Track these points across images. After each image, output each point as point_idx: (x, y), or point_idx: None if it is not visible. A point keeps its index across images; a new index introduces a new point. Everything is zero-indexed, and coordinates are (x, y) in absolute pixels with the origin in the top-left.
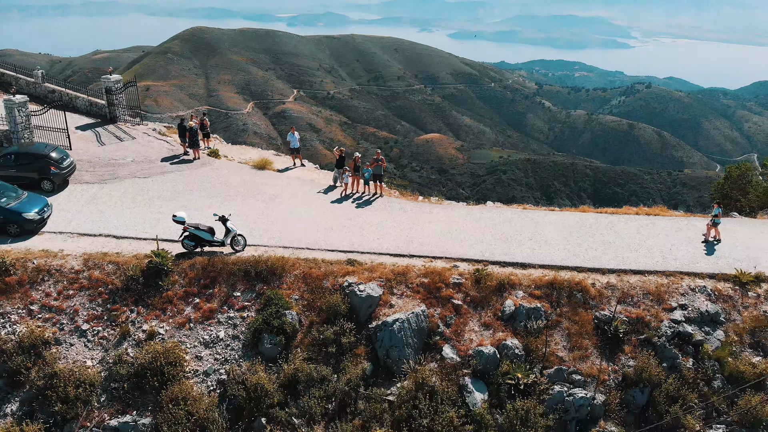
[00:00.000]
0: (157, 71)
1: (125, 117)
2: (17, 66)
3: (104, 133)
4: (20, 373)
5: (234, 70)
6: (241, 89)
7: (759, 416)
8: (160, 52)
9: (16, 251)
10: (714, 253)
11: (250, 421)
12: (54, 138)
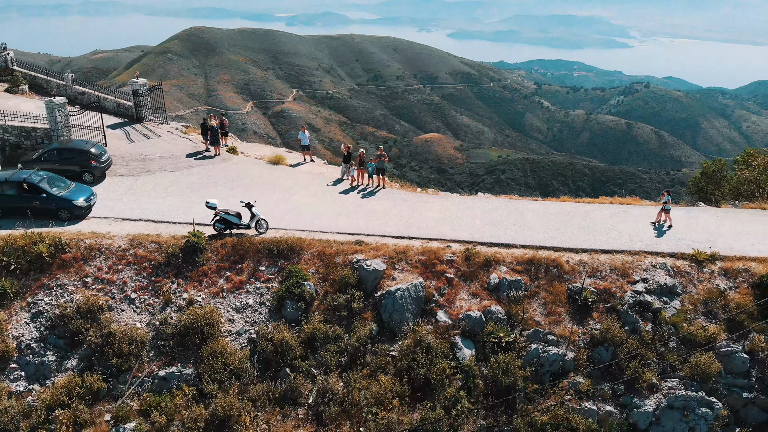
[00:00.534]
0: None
1: (150, 117)
2: (48, 70)
3: (132, 131)
4: (80, 333)
5: (233, 70)
6: (240, 89)
7: (707, 372)
8: (159, 52)
9: (69, 233)
10: (676, 236)
11: (277, 371)
12: (89, 136)
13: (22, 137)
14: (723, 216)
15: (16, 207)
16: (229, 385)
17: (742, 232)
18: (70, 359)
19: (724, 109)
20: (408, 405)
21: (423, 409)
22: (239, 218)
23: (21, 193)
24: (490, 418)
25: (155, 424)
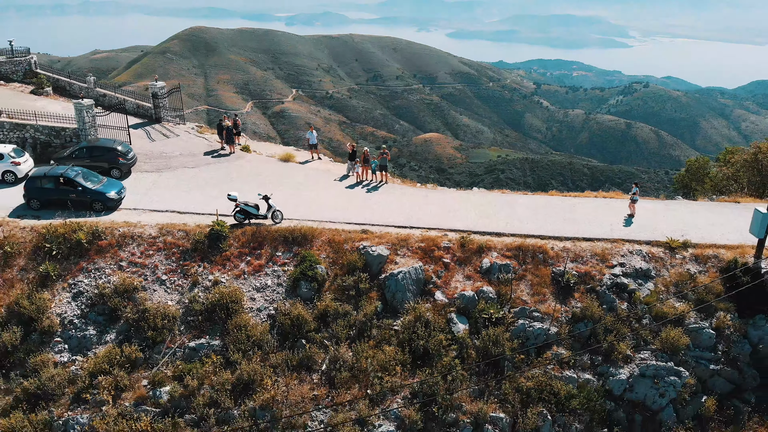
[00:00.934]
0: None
1: (168, 117)
2: (71, 73)
3: (152, 131)
4: (117, 310)
5: (233, 70)
6: (240, 89)
7: (676, 346)
8: (159, 52)
9: (104, 222)
10: (652, 225)
11: (294, 342)
12: (113, 135)
13: (52, 136)
14: (698, 208)
15: (53, 199)
16: (252, 354)
17: (714, 222)
18: (109, 333)
19: (723, 109)
20: (409, 371)
21: (422, 375)
22: (257, 209)
23: (58, 187)
24: (481, 383)
25: (188, 387)
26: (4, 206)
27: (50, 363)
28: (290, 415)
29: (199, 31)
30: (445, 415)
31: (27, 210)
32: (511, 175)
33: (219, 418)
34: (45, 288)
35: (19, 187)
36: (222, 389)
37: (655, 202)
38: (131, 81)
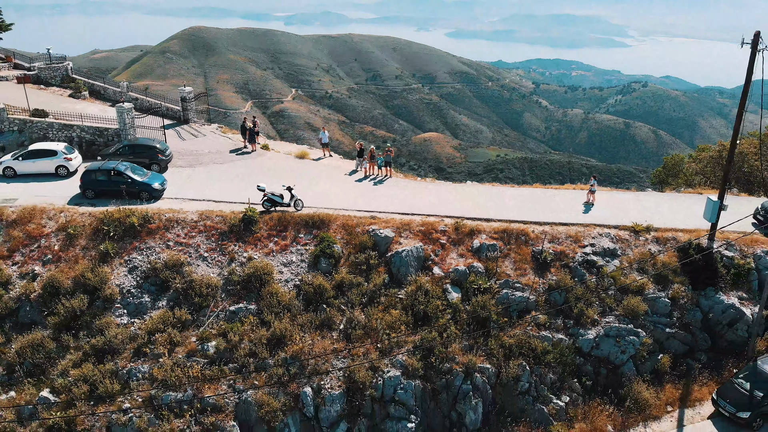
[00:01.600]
0: (155, 71)
1: (194, 119)
2: (105, 78)
3: (182, 131)
4: (168, 282)
5: (232, 70)
6: (239, 88)
7: (636, 312)
8: (158, 51)
9: (151, 209)
10: (621, 212)
11: (316, 306)
12: (148, 134)
13: (96, 135)
14: (664, 199)
15: (106, 190)
16: (282, 316)
17: (677, 210)
18: (161, 300)
19: (722, 109)
20: (411, 330)
21: (422, 333)
22: (282, 198)
23: (110, 179)
24: (471, 340)
25: (230, 342)
26: (62, 196)
27: (113, 324)
28: (315, 364)
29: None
30: (441, 364)
31: (82, 199)
32: (510, 174)
33: (257, 365)
34: (105, 263)
35: (72, 179)
36: (259, 343)
37: (627, 193)
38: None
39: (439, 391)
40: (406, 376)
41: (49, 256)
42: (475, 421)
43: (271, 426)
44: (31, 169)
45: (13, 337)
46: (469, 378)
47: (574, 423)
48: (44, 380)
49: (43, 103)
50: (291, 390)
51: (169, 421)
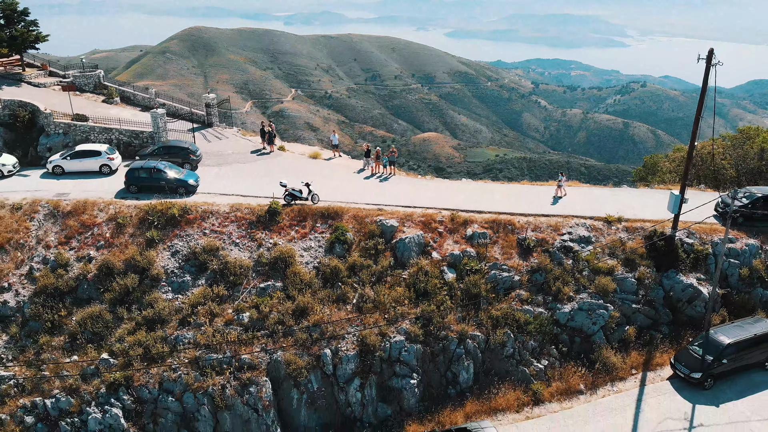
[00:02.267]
0: (155, 71)
1: (217, 122)
2: (135, 86)
3: (207, 134)
4: (206, 263)
5: (232, 70)
6: (239, 88)
7: (606, 289)
8: (158, 51)
9: (188, 202)
10: (597, 205)
11: (333, 284)
12: (177, 137)
13: (132, 138)
14: (637, 194)
15: (147, 185)
16: (304, 291)
17: (647, 204)
18: (200, 279)
19: (720, 108)
20: (413, 304)
21: (423, 306)
22: (301, 193)
23: (151, 176)
24: (464, 312)
25: (262, 312)
26: (108, 191)
27: (160, 299)
28: (333, 330)
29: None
30: (438, 332)
31: (127, 193)
32: (509, 174)
33: (284, 332)
34: (151, 248)
35: (114, 177)
36: (285, 313)
37: (604, 189)
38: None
39: (437, 354)
40: (409, 341)
41: (101, 242)
42: (467, 380)
43: (297, 381)
44: (77, 168)
45: (73, 311)
46: (462, 344)
47: (551, 382)
48: (103, 345)
49: (81, 108)
50: (313, 352)
51: (212, 377)
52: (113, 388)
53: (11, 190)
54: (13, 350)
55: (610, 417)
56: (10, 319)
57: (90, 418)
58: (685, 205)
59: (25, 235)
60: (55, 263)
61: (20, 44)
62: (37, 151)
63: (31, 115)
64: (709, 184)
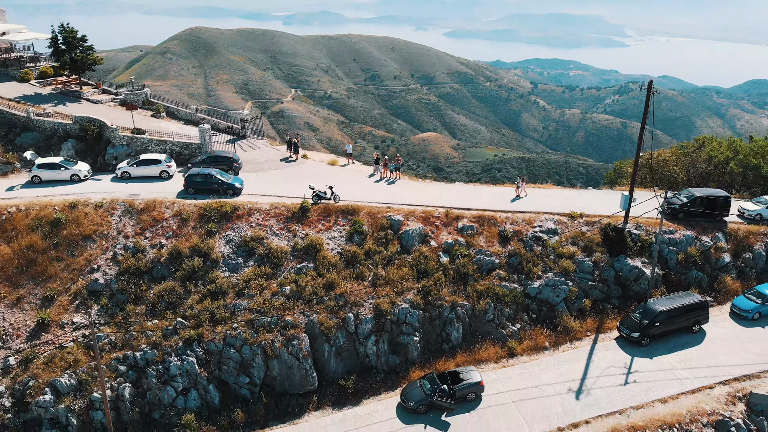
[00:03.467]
0: (156, 71)
1: (250, 134)
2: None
3: (242, 144)
4: (254, 249)
5: (232, 70)
6: (239, 89)
7: (568, 270)
8: (159, 52)
9: (237, 202)
10: (565, 203)
11: (353, 265)
12: (219, 148)
13: (183, 148)
14: (600, 194)
15: (202, 188)
16: (331, 270)
17: (606, 202)
18: (249, 261)
19: (719, 108)
20: (416, 280)
21: (423, 282)
22: (325, 194)
23: (206, 180)
24: (455, 287)
25: (299, 286)
26: (169, 192)
27: (219, 277)
28: (354, 299)
29: (198, 31)
30: (435, 301)
31: (186, 194)
32: (508, 174)
33: (317, 300)
34: (210, 237)
35: (171, 181)
36: (318, 287)
37: (573, 190)
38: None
39: (434, 319)
40: (413, 308)
41: (170, 233)
42: (458, 338)
43: (327, 337)
44: (141, 173)
45: (151, 286)
46: (454, 311)
47: (522, 341)
48: (177, 311)
49: (134, 122)
50: (339, 315)
51: (263, 334)
52: (188, 343)
53: (90, 191)
54: (104, 317)
55: (568, 365)
56: (101, 293)
57: (171, 365)
58: (636, 204)
59: (108, 227)
60: (134, 249)
61: (80, 67)
62: (105, 159)
63: (98, 129)
64: (662, 187)
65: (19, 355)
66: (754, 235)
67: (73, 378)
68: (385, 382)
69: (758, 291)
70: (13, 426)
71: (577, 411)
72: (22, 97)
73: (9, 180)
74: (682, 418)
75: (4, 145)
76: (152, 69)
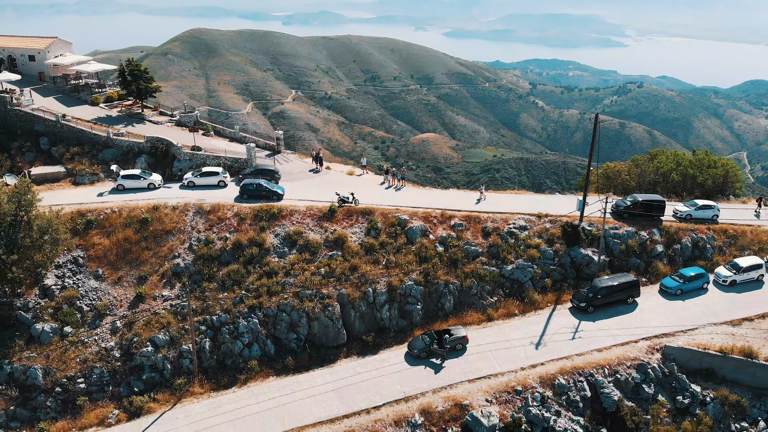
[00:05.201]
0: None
1: (283, 150)
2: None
3: (278, 158)
4: (296, 241)
5: (233, 71)
6: (240, 90)
7: (534, 257)
8: (160, 53)
9: (281, 205)
10: (533, 205)
11: (370, 253)
12: (262, 161)
13: (233, 162)
14: (563, 198)
15: (253, 194)
16: (354, 257)
17: (568, 205)
18: (293, 250)
19: (716, 109)
20: (418, 264)
21: (424, 265)
22: (348, 199)
23: (256, 188)
24: (448, 269)
25: (331, 268)
26: (228, 197)
27: (272, 261)
28: (372, 278)
29: (199, 32)
30: (433, 280)
31: (241, 199)
32: (507, 174)
33: (345, 278)
34: (262, 232)
35: (227, 189)
36: (345, 269)
37: (542, 195)
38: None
39: (432, 293)
40: (416, 285)
41: (232, 229)
42: (450, 308)
43: (353, 305)
44: (203, 183)
45: (220, 268)
46: (447, 287)
47: (498, 309)
48: (242, 287)
49: (189, 140)
50: (362, 290)
51: (306, 302)
52: (251, 309)
53: (165, 197)
54: (185, 292)
55: (531, 327)
56: (182, 274)
57: (240, 325)
58: (589, 206)
59: (184, 224)
60: (206, 241)
61: (143, 94)
62: (172, 171)
63: (166, 147)
64: (617, 193)
65: (124, 319)
66: (683, 231)
67: (167, 335)
68: (395, 338)
69: (681, 273)
70: (122, 371)
71: (536, 357)
72: (97, 119)
73: (96, 188)
74: (612, 362)
75: (90, 159)
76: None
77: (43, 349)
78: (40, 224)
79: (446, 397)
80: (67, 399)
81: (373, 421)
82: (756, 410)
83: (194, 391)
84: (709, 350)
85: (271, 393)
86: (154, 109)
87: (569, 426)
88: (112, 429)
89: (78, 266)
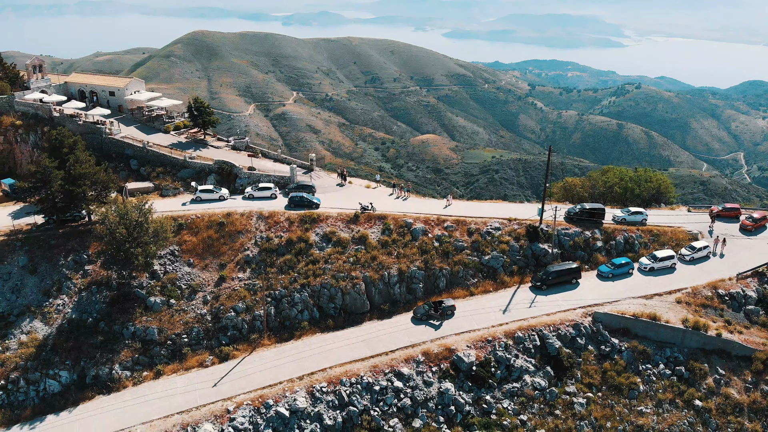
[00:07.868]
0: (160, 74)
1: (315, 167)
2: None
3: (312, 175)
4: (331, 237)
5: (235, 73)
6: (242, 92)
7: (505, 250)
8: (163, 55)
9: (318, 212)
10: (509, 211)
11: (385, 247)
12: (300, 178)
13: (280, 179)
14: (530, 206)
15: (298, 204)
16: (374, 250)
17: (533, 211)
18: (329, 245)
19: (714, 110)
20: (420, 256)
21: (425, 256)
22: (368, 207)
23: (300, 200)
24: (442, 259)
25: (357, 257)
26: (279, 206)
27: (314, 253)
28: (388, 264)
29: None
30: (431, 267)
31: (289, 208)
32: (505, 175)
33: (368, 265)
34: (307, 232)
35: (278, 200)
36: (367, 258)
37: (512, 204)
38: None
39: (430, 276)
40: (418, 270)
41: (285, 229)
42: (443, 287)
43: (374, 284)
44: (260, 195)
45: (278, 258)
46: (441, 271)
47: (478, 287)
48: (294, 271)
49: (244, 162)
50: (380, 273)
51: (341, 281)
52: (303, 286)
53: (233, 206)
54: (254, 275)
55: (501, 299)
56: (251, 263)
57: (295, 297)
58: (546, 212)
59: (250, 226)
60: (267, 238)
61: (206, 125)
62: (236, 186)
63: (230, 168)
64: (572, 202)
65: (211, 294)
66: (619, 231)
67: (244, 304)
68: (404, 307)
69: (613, 262)
70: (212, 329)
71: (503, 319)
72: (171, 144)
73: (178, 199)
74: (556, 322)
75: (172, 177)
76: (157, 72)
77: (156, 315)
78: (155, 227)
79: (440, 344)
80: (175, 349)
81: (390, 360)
82: (658, 357)
83: (264, 343)
84: (625, 315)
85: (319, 343)
86: (213, 135)
87: (524, 364)
88: (208, 368)
89: (174, 257)
